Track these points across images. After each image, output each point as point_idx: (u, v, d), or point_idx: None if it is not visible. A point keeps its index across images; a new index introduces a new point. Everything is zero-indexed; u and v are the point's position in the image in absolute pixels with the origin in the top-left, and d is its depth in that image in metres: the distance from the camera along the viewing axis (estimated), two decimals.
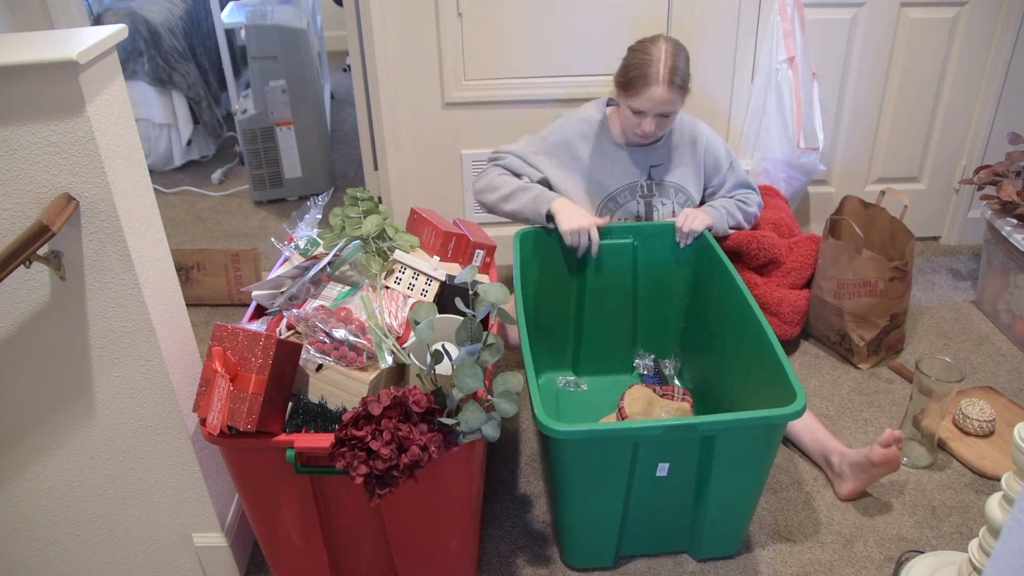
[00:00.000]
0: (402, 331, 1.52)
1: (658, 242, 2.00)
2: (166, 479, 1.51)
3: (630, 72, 1.86)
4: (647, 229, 1.99)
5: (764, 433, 1.47)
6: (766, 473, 1.55)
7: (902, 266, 2.14)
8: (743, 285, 1.75)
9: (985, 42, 2.55)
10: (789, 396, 1.43)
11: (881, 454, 1.69)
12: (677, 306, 2.09)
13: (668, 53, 1.84)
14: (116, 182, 1.24)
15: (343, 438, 1.25)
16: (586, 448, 1.43)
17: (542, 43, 2.45)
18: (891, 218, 2.28)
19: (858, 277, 2.15)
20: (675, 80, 1.83)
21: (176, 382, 1.41)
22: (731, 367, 1.80)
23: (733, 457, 1.47)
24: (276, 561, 1.53)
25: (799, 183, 2.58)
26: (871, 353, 2.23)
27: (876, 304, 2.16)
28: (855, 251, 2.14)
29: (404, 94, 2.51)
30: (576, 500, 1.53)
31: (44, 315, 1.31)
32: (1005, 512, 1.27)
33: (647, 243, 2.00)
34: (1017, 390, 2.15)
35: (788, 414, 1.40)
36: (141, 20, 3.41)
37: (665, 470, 1.49)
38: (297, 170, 3.30)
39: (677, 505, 1.58)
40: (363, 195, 1.69)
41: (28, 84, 1.13)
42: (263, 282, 1.63)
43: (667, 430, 1.41)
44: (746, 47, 2.49)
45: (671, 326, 2.12)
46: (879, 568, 1.65)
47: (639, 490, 1.52)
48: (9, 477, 1.48)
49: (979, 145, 2.70)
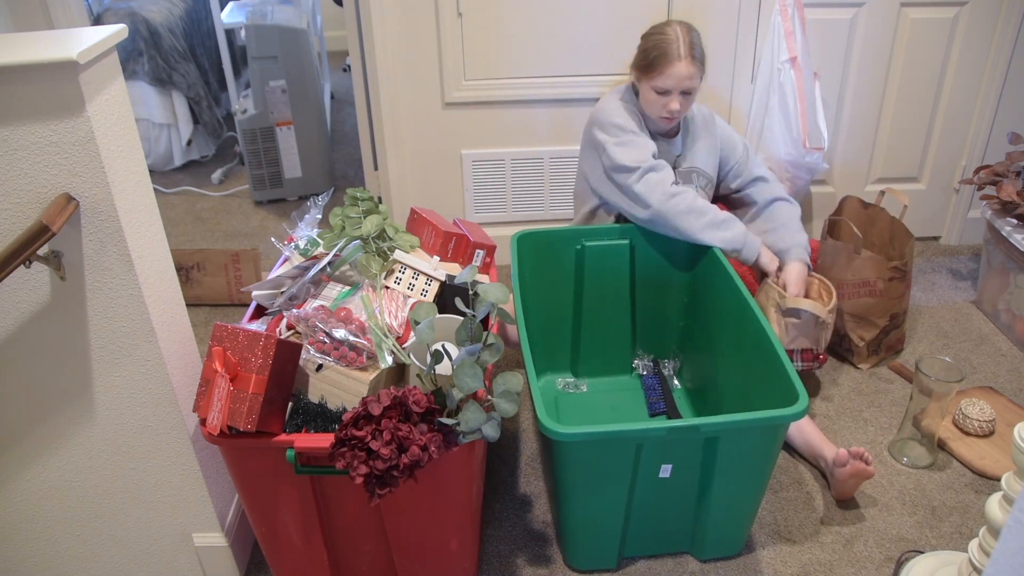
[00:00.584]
0: (402, 331, 1.52)
1: (655, 242, 2.00)
2: (166, 479, 1.51)
3: (651, 53, 1.90)
4: (644, 229, 1.99)
5: (767, 434, 1.47)
6: (769, 474, 1.55)
7: (901, 266, 2.14)
8: (742, 284, 1.75)
9: (985, 42, 2.55)
10: (791, 396, 1.43)
11: (842, 472, 1.72)
12: (676, 306, 2.08)
13: (684, 31, 1.90)
14: (116, 182, 1.24)
15: (343, 438, 1.25)
16: (589, 450, 1.43)
17: (542, 43, 2.45)
18: (891, 218, 2.28)
19: (857, 277, 2.15)
20: (695, 54, 1.89)
21: (176, 382, 1.41)
22: (731, 367, 1.80)
23: (736, 458, 1.47)
24: (276, 561, 1.53)
25: (803, 182, 2.58)
26: (871, 353, 2.23)
27: (875, 304, 2.16)
28: (854, 251, 2.14)
29: (404, 94, 2.51)
30: (579, 502, 1.52)
31: (44, 315, 1.31)
32: (1005, 512, 1.27)
33: (644, 243, 2.00)
34: (1017, 390, 2.15)
35: (790, 415, 1.40)
36: (141, 20, 3.41)
37: (668, 471, 1.49)
38: (297, 170, 3.30)
39: (680, 506, 1.57)
40: (363, 195, 1.69)
41: (28, 84, 1.13)
42: (263, 282, 1.63)
43: (670, 431, 1.41)
44: (746, 47, 2.49)
45: (670, 326, 2.11)
46: (879, 568, 1.65)
47: (642, 491, 1.52)
48: (9, 477, 1.48)
49: (979, 145, 2.70)
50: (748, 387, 1.69)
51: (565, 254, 2.00)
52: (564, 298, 2.07)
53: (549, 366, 2.15)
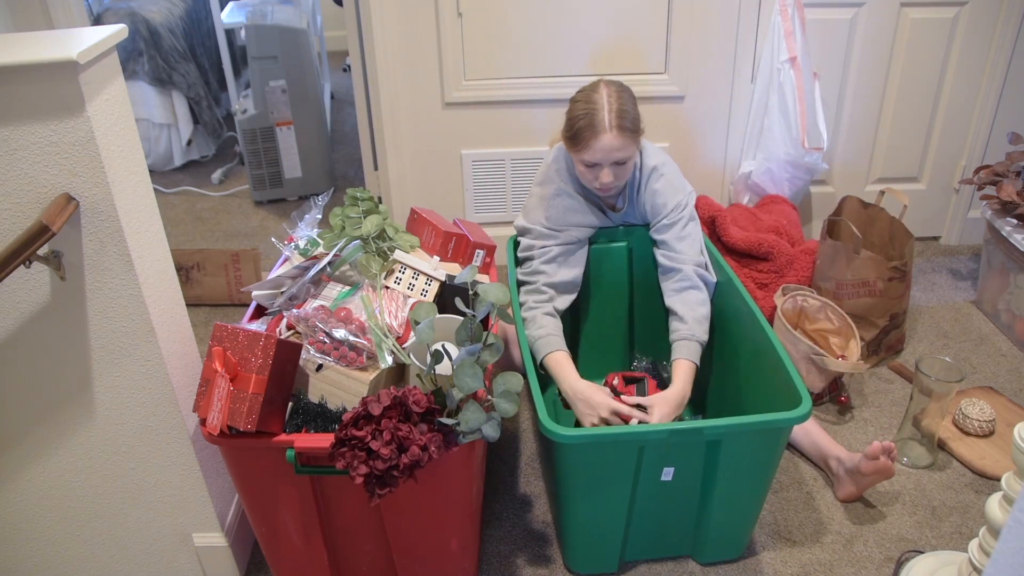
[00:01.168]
0: (402, 331, 1.52)
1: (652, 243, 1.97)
2: (166, 479, 1.51)
3: (576, 124, 1.71)
4: (642, 230, 1.97)
5: (769, 437, 1.46)
6: (771, 477, 1.54)
7: (901, 266, 2.14)
8: (743, 288, 1.75)
9: (985, 42, 2.55)
10: (794, 399, 1.43)
11: (869, 466, 1.70)
12: None
13: (612, 97, 1.69)
14: (116, 182, 1.24)
15: (343, 438, 1.25)
16: (590, 452, 1.43)
17: (542, 43, 2.45)
18: (890, 218, 2.28)
19: (857, 277, 2.15)
20: (625, 124, 1.68)
21: (176, 382, 1.41)
22: (733, 370, 1.79)
23: (738, 461, 1.47)
24: (276, 561, 1.53)
25: (802, 182, 2.58)
26: (871, 353, 2.23)
27: (875, 304, 2.16)
28: (853, 251, 2.14)
29: (404, 94, 2.51)
30: (580, 505, 1.52)
31: (44, 315, 1.31)
32: (1005, 512, 1.27)
33: (642, 245, 1.98)
34: (1017, 390, 2.15)
35: (794, 418, 1.40)
36: (141, 20, 3.41)
37: (670, 474, 1.49)
38: (297, 170, 3.30)
39: (682, 509, 1.57)
40: (363, 195, 1.69)
41: (28, 84, 1.13)
42: (263, 282, 1.63)
43: (672, 433, 1.41)
44: (746, 47, 2.49)
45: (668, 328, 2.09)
46: (879, 568, 1.65)
47: (644, 494, 1.51)
48: (9, 477, 1.48)
49: (979, 145, 2.70)
50: (750, 390, 1.69)
51: None
52: None
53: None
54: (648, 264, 2.00)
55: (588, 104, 1.70)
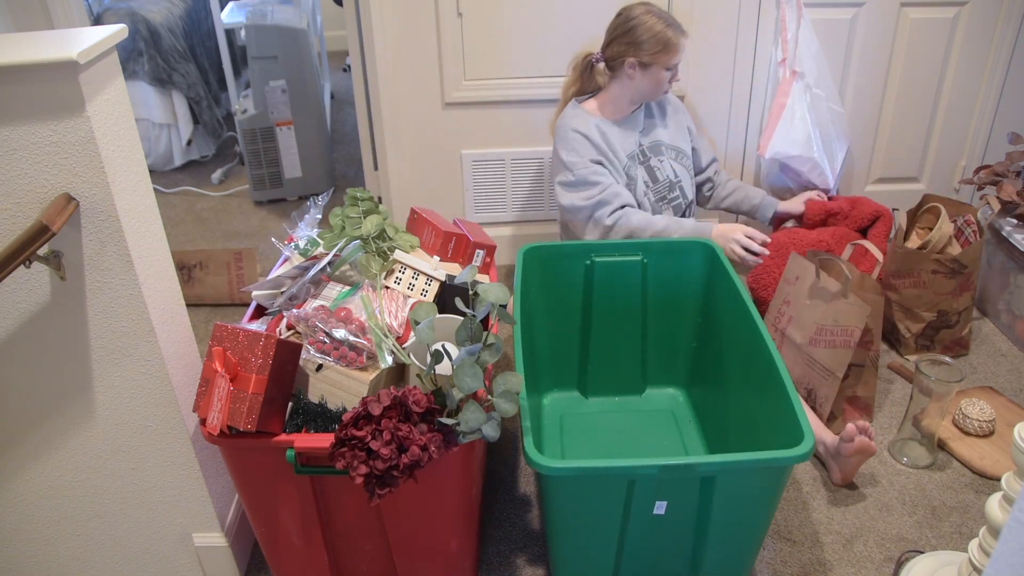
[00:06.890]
0: (402, 331, 1.52)
1: (669, 259, 1.92)
2: (166, 479, 1.51)
3: (664, 34, 1.98)
4: (656, 246, 1.91)
5: (768, 475, 1.37)
6: (771, 513, 1.46)
7: (946, 261, 2.11)
8: (755, 311, 1.65)
9: (985, 42, 2.55)
10: (796, 436, 1.34)
11: (848, 448, 1.73)
12: (688, 326, 1.98)
13: (655, 9, 2.02)
14: (116, 182, 1.24)
15: (343, 438, 1.25)
16: (578, 485, 1.36)
17: (542, 43, 2.45)
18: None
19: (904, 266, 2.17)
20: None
21: (176, 382, 1.41)
22: (738, 398, 1.71)
23: (735, 497, 1.38)
24: (276, 561, 1.53)
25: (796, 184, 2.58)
26: (920, 348, 2.24)
27: (920, 296, 2.16)
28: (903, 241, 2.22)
29: (404, 94, 2.51)
30: (569, 536, 1.46)
31: (44, 315, 1.31)
32: (1005, 512, 1.27)
33: (656, 260, 1.92)
34: (1017, 390, 2.15)
35: (793, 457, 1.31)
36: (141, 20, 3.41)
37: (663, 508, 1.41)
38: (297, 170, 3.30)
39: (676, 543, 1.48)
40: (363, 195, 1.69)
41: (28, 84, 1.13)
42: (263, 282, 1.63)
43: (663, 469, 1.33)
44: (746, 47, 2.49)
45: (681, 347, 2.02)
46: (879, 568, 1.65)
47: (635, 528, 1.43)
48: (9, 477, 1.48)
49: (979, 145, 2.70)
50: (755, 419, 1.61)
51: (574, 269, 1.92)
52: (572, 314, 1.98)
53: (555, 384, 2.08)
54: (663, 279, 1.95)
55: (658, 16, 2.00)
